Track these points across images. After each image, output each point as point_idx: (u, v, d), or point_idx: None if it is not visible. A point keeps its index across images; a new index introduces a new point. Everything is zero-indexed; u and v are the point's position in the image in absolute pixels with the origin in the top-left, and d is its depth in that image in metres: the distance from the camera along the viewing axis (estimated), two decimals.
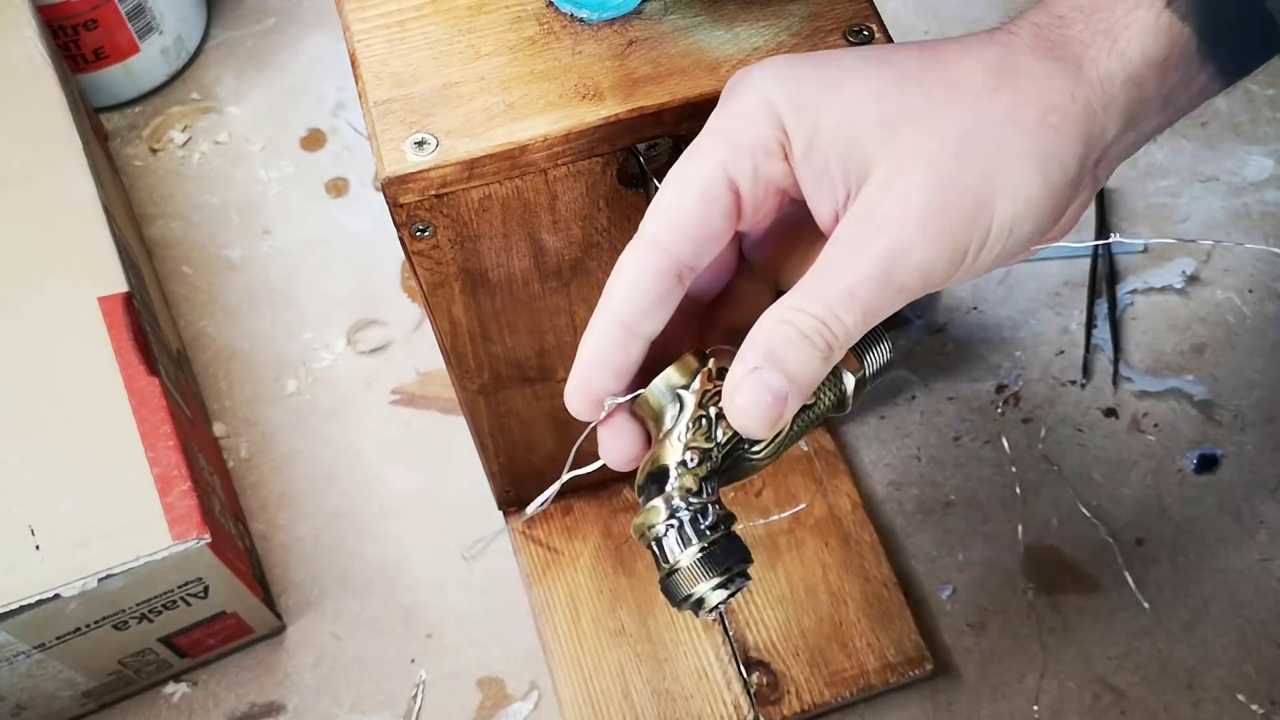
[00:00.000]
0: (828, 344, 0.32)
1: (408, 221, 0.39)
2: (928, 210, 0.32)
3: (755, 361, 0.33)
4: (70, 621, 0.50)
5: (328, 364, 0.68)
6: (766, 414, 0.33)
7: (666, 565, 0.35)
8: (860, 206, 0.32)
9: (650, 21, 0.40)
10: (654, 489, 0.35)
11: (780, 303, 0.33)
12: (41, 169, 0.58)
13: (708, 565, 0.34)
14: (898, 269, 0.32)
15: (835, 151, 0.33)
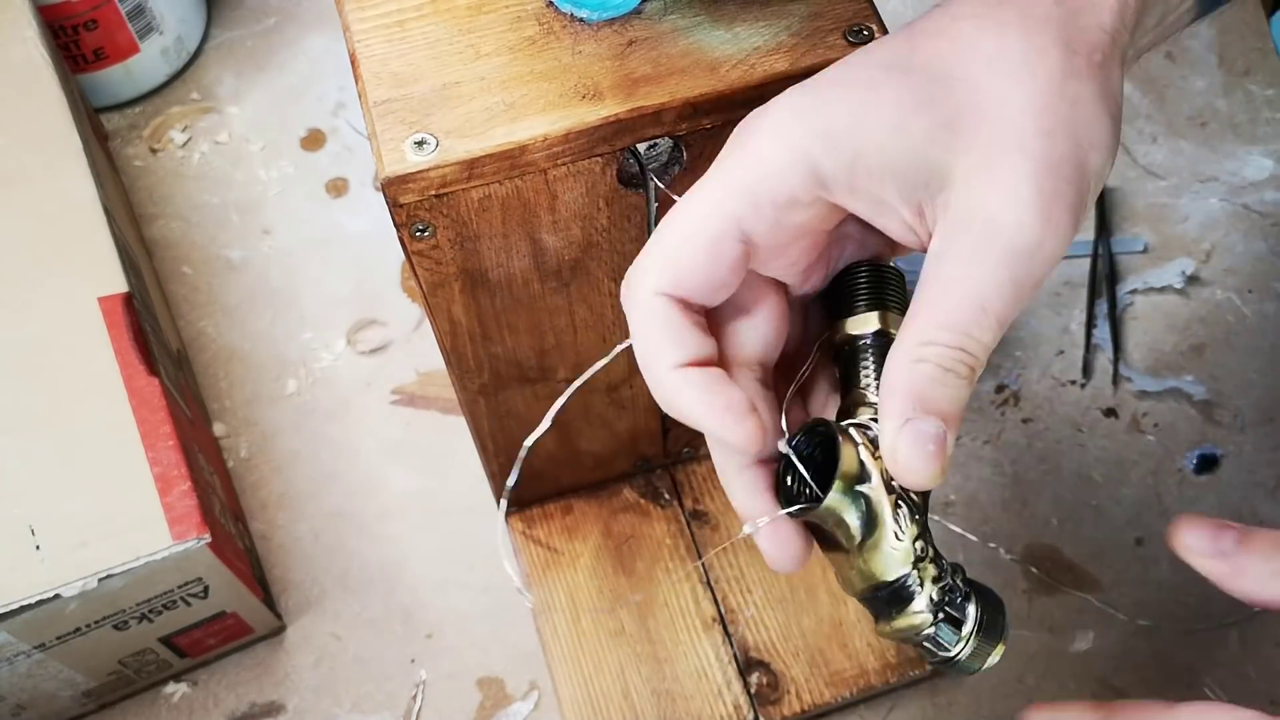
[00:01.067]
0: (970, 369, 0.31)
1: (408, 221, 0.39)
2: (1041, 197, 0.29)
3: (906, 412, 0.30)
4: (70, 621, 0.50)
5: (328, 364, 0.68)
6: (933, 464, 0.30)
7: (945, 654, 0.34)
8: (957, 214, 0.30)
9: (650, 21, 0.40)
10: (897, 596, 0.33)
11: (906, 339, 0.31)
12: (41, 169, 0.58)
13: (989, 639, 0.34)
14: (1027, 268, 0.30)
15: (888, 171, 0.30)
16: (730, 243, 0.32)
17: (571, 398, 0.52)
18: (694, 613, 0.58)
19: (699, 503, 0.61)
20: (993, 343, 0.31)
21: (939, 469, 0.31)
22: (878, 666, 0.57)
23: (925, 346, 0.30)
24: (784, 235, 0.32)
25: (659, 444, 0.59)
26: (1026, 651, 0.59)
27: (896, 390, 0.31)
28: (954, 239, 0.30)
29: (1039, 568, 0.61)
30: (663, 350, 0.32)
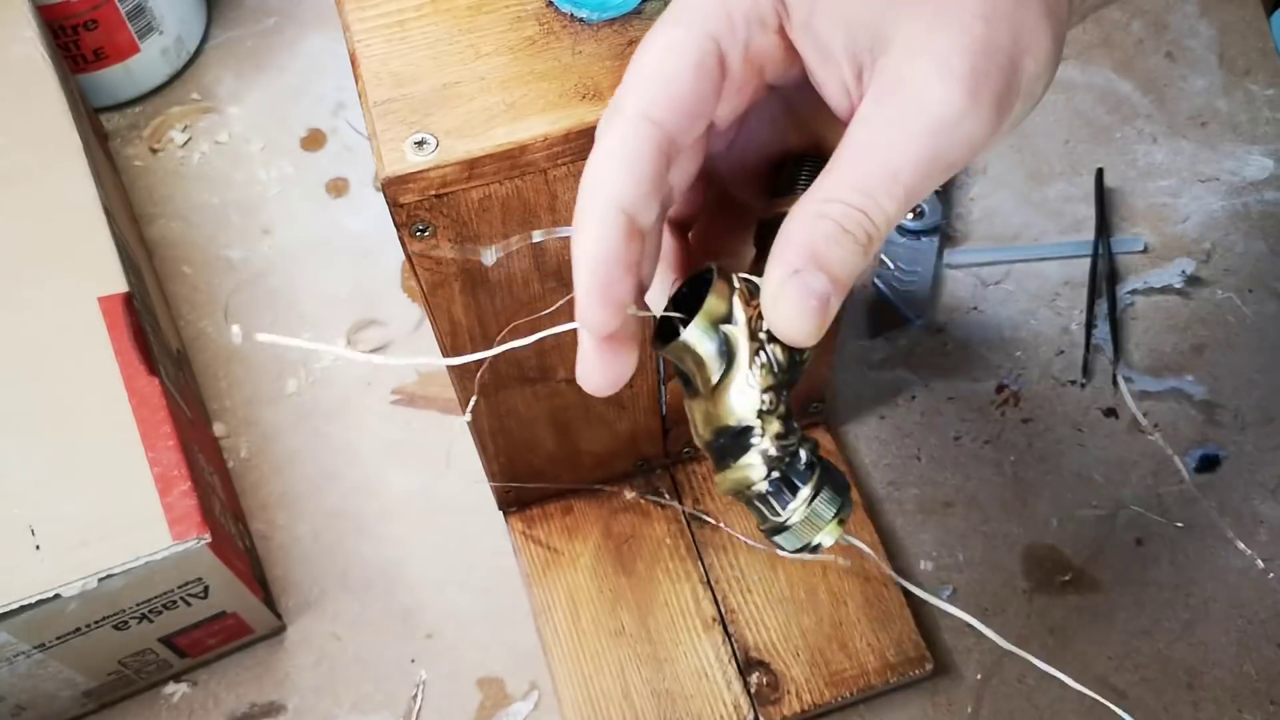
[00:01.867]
0: (869, 236, 0.30)
1: (408, 221, 0.39)
2: (972, 75, 0.29)
3: (795, 263, 0.29)
4: (70, 621, 0.50)
5: (328, 364, 0.68)
6: (812, 320, 0.30)
7: (776, 520, 0.32)
8: (888, 78, 0.29)
9: (650, 21, 0.40)
10: (736, 444, 0.32)
11: (812, 195, 0.30)
12: (41, 169, 0.58)
13: (824, 509, 0.33)
14: (946, 143, 0.29)
15: (842, 19, 0.30)
16: (712, 61, 0.30)
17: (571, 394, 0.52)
18: (694, 613, 0.58)
19: (699, 503, 0.61)
20: (896, 216, 0.30)
21: (816, 328, 0.30)
22: (878, 666, 0.57)
23: (829, 203, 0.30)
24: (746, 70, 0.31)
25: (659, 444, 0.59)
26: (1026, 651, 0.59)
27: (791, 240, 0.30)
28: (880, 103, 0.30)
29: (1039, 568, 0.61)
30: (616, 179, 0.30)
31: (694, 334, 0.32)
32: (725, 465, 0.33)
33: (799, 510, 0.32)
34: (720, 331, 0.32)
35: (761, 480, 0.32)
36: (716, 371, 0.32)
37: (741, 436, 0.32)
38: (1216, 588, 0.60)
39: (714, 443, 0.33)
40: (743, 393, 0.32)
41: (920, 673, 0.57)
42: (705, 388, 0.32)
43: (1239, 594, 0.60)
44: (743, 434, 0.32)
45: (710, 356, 0.32)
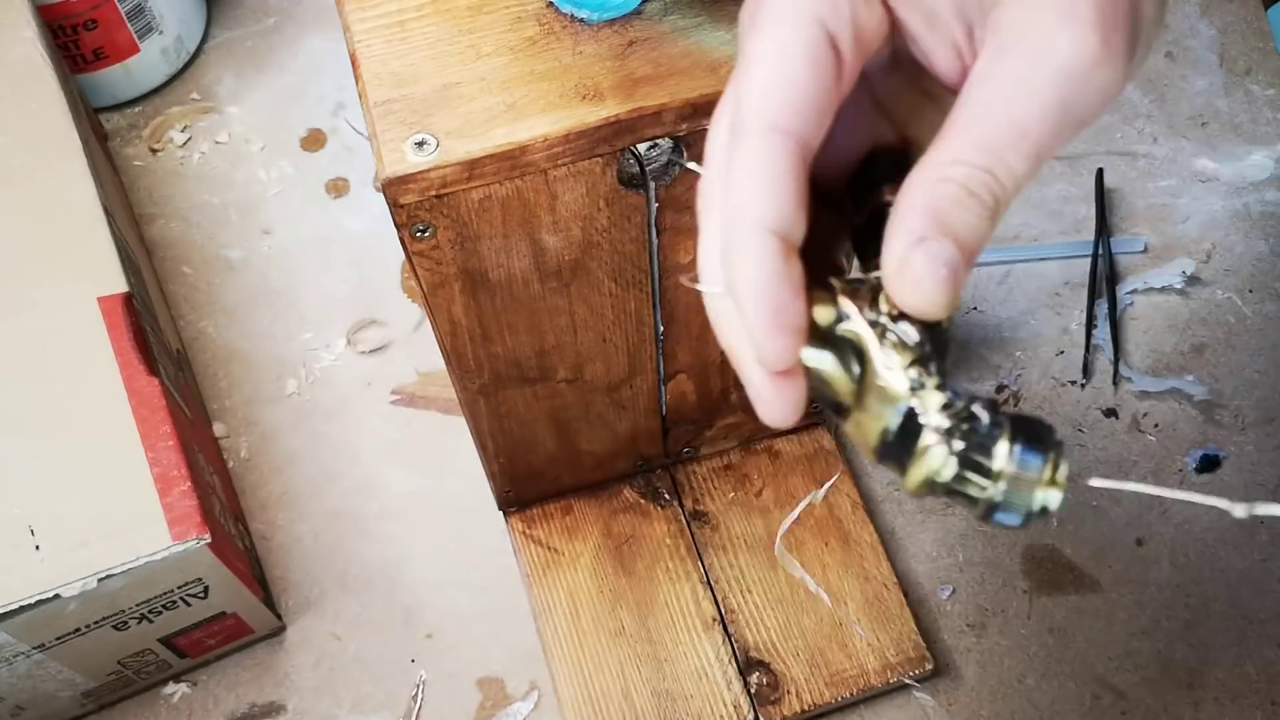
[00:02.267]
0: (996, 199, 0.27)
1: (408, 222, 0.39)
2: (1101, 20, 0.26)
3: (919, 231, 0.27)
4: (70, 622, 0.50)
5: (328, 364, 0.68)
6: (945, 290, 0.27)
7: (985, 497, 0.28)
8: (1007, 31, 0.27)
9: (650, 22, 0.40)
10: (905, 437, 0.28)
11: (933, 159, 0.28)
12: (41, 169, 0.58)
13: (1031, 461, 0.28)
14: (1078, 94, 0.27)
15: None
16: (825, 50, 0.28)
17: (571, 394, 0.52)
18: (694, 613, 0.58)
19: (699, 503, 0.61)
20: (1025, 177, 0.27)
21: (948, 299, 0.27)
22: (878, 666, 0.57)
23: (953, 166, 0.27)
24: (854, 51, 0.29)
25: (659, 444, 0.59)
26: (1026, 651, 0.59)
27: (914, 207, 0.27)
28: (1000, 58, 0.27)
29: (1039, 568, 0.61)
30: (764, 201, 0.28)
31: (809, 354, 0.29)
32: (905, 466, 0.29)
33: (1003, 475, 0.28)
34: (838, 336, 0.29)
35: (947, 461, 0.28)
36: (852, 377, 0.29)
37: (907, 425, 0.28)
38: (1216, 588, 0.60)
39: (885, 449, 0.29)
40: (885, 379, 0.29)
41: (920, 673, 0.57)
42: (850, 398, 0.30)
43: (1239, 594, 0.60)
44: (907, 422, 0.28)
45: (836, 366, 0.29)
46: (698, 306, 0.49)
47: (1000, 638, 0.59)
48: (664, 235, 0.44)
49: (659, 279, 0.47)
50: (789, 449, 0.63)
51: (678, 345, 0.52)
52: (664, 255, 0.46)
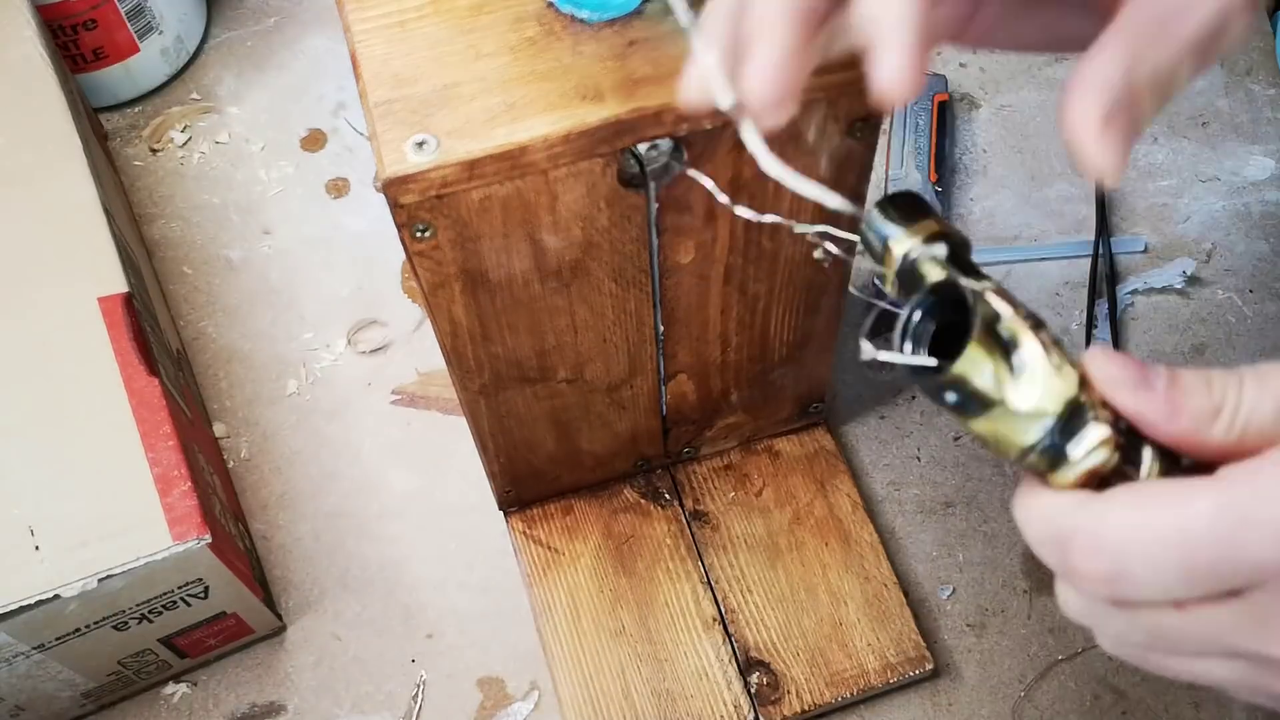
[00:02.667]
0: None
1: (408, 222, 0.39)
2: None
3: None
4: (70, 622, 0.50)
5: (328, 364, 0.68)
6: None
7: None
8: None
9: (651, 22, 0.40)
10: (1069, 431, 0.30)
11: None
12: (41, 169, 0.58)
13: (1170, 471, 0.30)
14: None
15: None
16: None
17: (571, 394, 0.52)
18: (694, 613, 0.58)
19: (699, 503, 0.61)
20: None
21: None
22: (878, 666, 0.57)
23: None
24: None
25: (659, 444, 0.59)
26: (1027, 651, 0.59)
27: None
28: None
29: (1039, 568, 0.61)
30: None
31: (975, 352, 0.30)
32: (1062, 459, 0.30)
33: (1151, 477, 0.30)
34: (995, 332, 0.30)
35: (1114, 453, 0.30)
36: (1008, 375, 0.30)
37: (1071, 423, 0.30)
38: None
39: (1035, 447, 0.31)
40: (1055, 377, 0.30)
41: (920, 673, 0.57)
42: (999, 393, 0.30)
43: None
44: (1074, 416, 0.30)
45: (999, 363, 0.30)
46: (698, 306, 0.49)
47: (1000, 638, 0.59)
48: (664, 235, 0.44)
49: (659, 279, 0.47)
50: (789, 449, 0.63)
51: (678, 345, 0.52)
52: (664, 255, 0.46)
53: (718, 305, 0.50)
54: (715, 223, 0.44)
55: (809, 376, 0.58)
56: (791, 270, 0.49)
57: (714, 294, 0.49)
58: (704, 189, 0.42)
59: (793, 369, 0.56)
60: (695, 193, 0.42)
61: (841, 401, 0.66)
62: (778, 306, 0.51)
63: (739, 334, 0.52)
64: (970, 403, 0.31)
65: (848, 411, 0.66)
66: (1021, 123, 0.75)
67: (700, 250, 0.46)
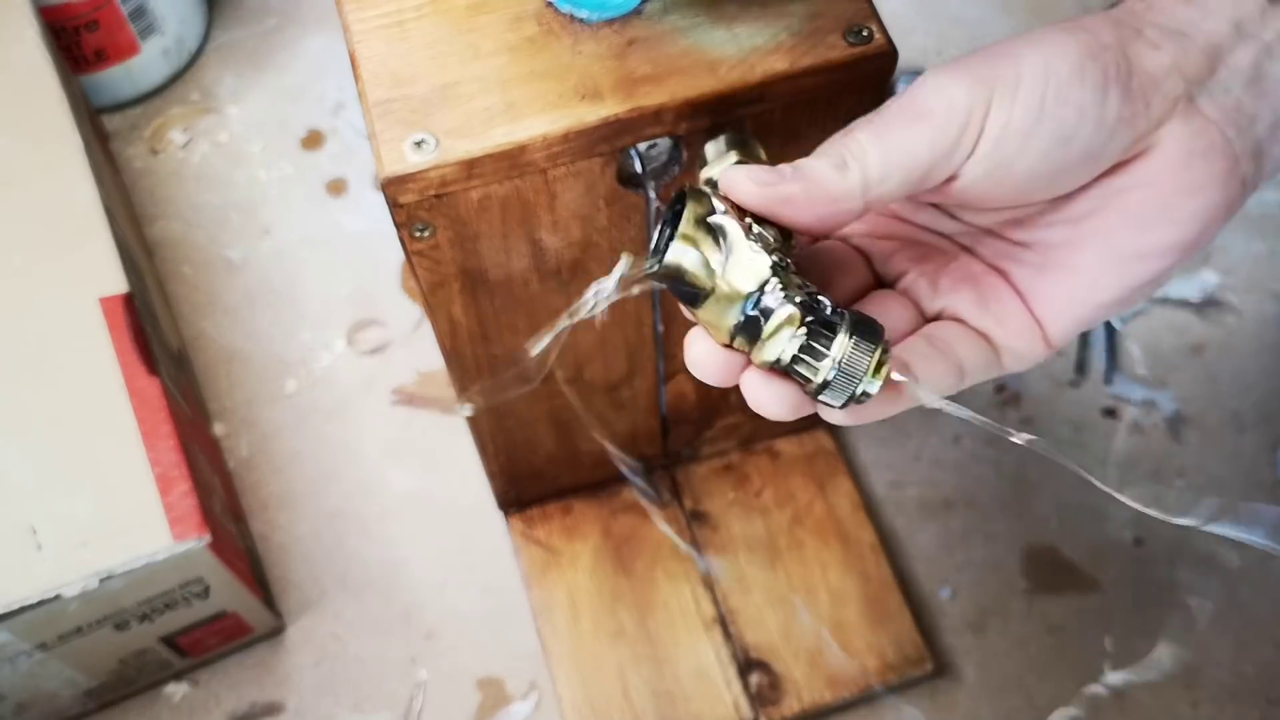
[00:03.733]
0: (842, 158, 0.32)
1: (407, 221, 0.39)
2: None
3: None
4: (71, 621, 0.50)
5: (328, 364, 0.68)
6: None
7: (821, 368, 0.32)
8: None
9: (650, 21, 0.40)
10: (760, 311, 0.32)
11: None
12: (42, 169, 0.58)
13: (863, 349, 0.32)
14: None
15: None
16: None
17: (572, 395, 0.52)
18: (694, 613, 0.58)
19: (699, 503, 0.61)
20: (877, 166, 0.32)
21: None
22: (878, 666, 0.57)
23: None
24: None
25: (659, 444, 0.59)
26: (1026, 651, 0.59)
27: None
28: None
29: (1039, 568, 0.61)
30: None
31: (677, 249, 0.32)
32: (756, 336, 0.32)
33: (841, 354, 0.32)
34: (706, 225, 0.32)
35: (797, 332, 0.32)
36: (717, 263, 0.32)
37: (764, 299, 0.32)
38: (1216, 588, 0.60)
39: (739, 325, 0.32)
40: (751, 260, 0.32)
41: (920, 673, 0.57)
42: (711, 280, 0.32)
43: (1239, 594, 0.60)
44: (763, 296, 0.32)
45: (708, 251, 0.32)
46: None
47: (1000, 638, 0.60)
48: None
49: None
50: (789, 449, 0.63)
51: (677, 345, 0.52)
52: None
53: None
54: None
55: None
56: None
57: None
58: None
59: None
60: None
61: None
62: None
63: None
64: (689, 292, 0.33)
65: None
66: None
67: None
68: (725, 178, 0.33)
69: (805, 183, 0.32)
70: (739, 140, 0.39)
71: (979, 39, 0.78)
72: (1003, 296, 0.36)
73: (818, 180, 0.32)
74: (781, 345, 0.32)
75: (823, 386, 0.32)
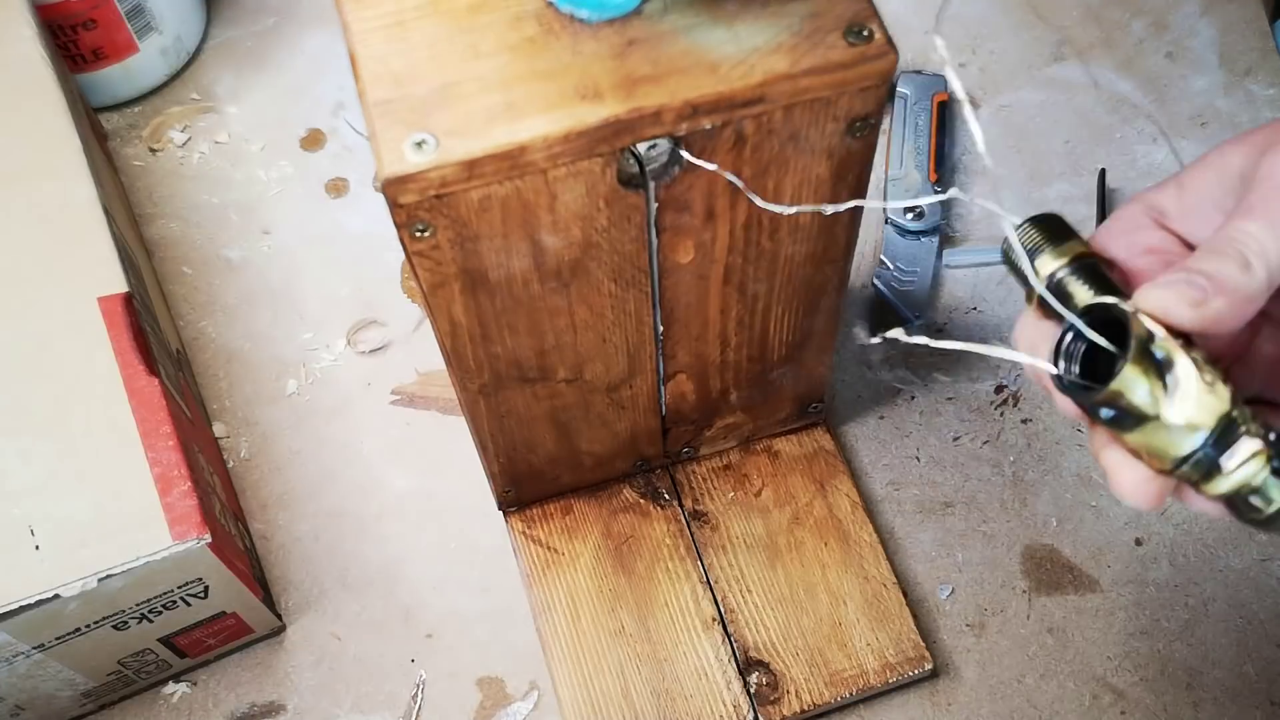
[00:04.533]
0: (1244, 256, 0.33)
1: (407, 222, 0.39)
2: None
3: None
4: (70, 622, 0.50)
5: (328, 364, 0.68)
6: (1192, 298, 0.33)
7: (1272, 509, 0.33)
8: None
9: (650, 21, 0.40)
10: (1220, 446, 0.33)
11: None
12: (41, 169, 0.58)
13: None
14: None
15: None
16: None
17: (571, 394, 0.52)
18: (694, 613, 0.58)
19: (699, 503, 0.61)
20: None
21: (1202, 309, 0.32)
22: (877, 666, 0.57)
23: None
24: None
25: (659, 444, 0.59)
26: (1026, 651, 0.59)
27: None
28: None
29: (1039, 568, 0.61)
30: None
31: (1132, 376, 0.33)
32: (1214, 473, 0.33)
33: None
34: (1149, 351, 0.33)
35: (1263, 469, 0.33)
36: (1163, 391, 0.33)
37: (1225, 436, 0.33)
38: (1216, 588, 0.60)
39: (1190, 458, 0.33)
40: (1208, 393, 0.32)
41: (920, 673, 0.57)
42: (1154, 408, 0.33)
43: (1239, 594, 0.60)
44: (1226, 432, 0.33)
45: (1154, 380, 0.33)
46: (697, 306, 0.49)
47: (1000, 638, 0.59)
48: (664, 235, 0.44)
49: (659, 279, 0.47)
50: (789, 449, 0.63)
51: (677, 345, 0.52)
52: (664, 255, 0.46)
53: (717, 305, 0.50)
54: (715, 222, 0.44)
55: (808, 376, 0.58)
56: (791, 270, 0.49)
57: (713, 294, 0.49)
58: (704, 188, 0.42)
59: (792, 369, 0.56)
60: (695, 192, 0.42)
61: (841, 401, 0.66)
62: (777, 306, 0.51)
63: (738, 334, 0.52)
64: (1126, 418, 0.33)
65: (847, 411, 0.66)
66: (1021, 122, 0.75)
67: (700, 250, 0.46)
68: (1151, 301, 0.33)
69: (1227, 294, 0.32)
70: (1051, 222, 0.39)
71: (979, 39, 0.78)
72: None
73: (1236, 287, 0.32)
74: (1244, 479, 0.33)
75: (1275, 517, 0.33)
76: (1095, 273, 0.36)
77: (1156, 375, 0.33)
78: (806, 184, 0.44)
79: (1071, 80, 0.76)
